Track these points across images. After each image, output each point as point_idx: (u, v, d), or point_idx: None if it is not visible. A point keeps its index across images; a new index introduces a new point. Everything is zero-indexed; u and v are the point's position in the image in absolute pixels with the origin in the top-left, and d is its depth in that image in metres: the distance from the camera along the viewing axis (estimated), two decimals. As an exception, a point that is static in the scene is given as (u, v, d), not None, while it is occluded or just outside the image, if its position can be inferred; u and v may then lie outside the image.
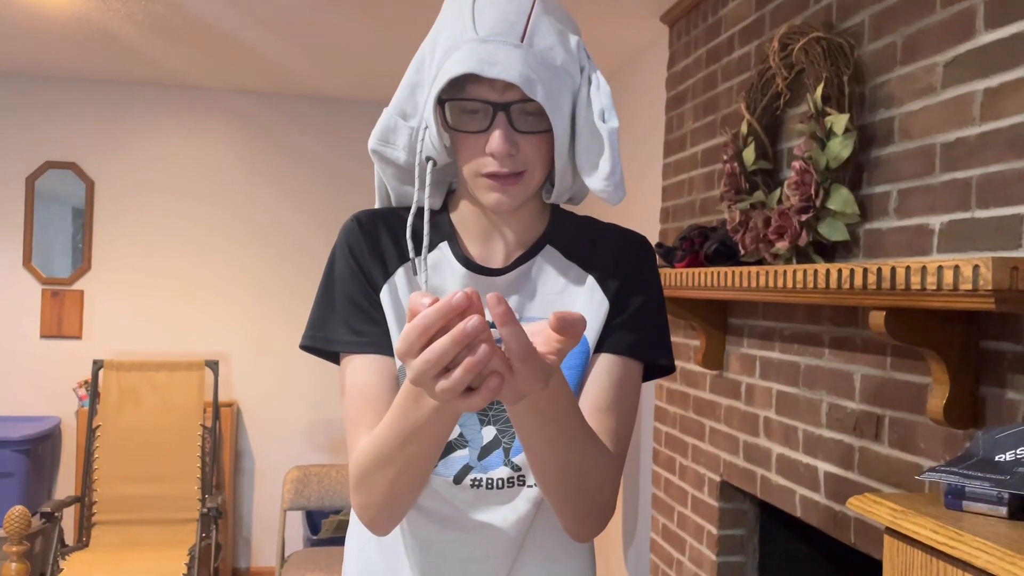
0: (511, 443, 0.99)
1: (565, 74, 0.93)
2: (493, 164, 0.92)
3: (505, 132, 0.90)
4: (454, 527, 1.01)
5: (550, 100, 0.90)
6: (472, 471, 0.99)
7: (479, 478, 0.99)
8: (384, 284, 1.00)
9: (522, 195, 0.95)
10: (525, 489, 1.00)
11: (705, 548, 2.38)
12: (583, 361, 0.99)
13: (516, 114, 0.91)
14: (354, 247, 1.01)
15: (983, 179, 1.39)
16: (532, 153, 0.93)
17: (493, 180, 0.93)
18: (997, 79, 1.37)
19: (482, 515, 1.00)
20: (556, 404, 0.81)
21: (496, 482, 0.99)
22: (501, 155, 0.91)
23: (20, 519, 2.57)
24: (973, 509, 1.07)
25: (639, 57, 3.31)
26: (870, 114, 1.71)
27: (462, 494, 0.99)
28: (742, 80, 2.27)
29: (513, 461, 0.99)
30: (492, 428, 0.99)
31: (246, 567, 4.27)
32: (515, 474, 0.99)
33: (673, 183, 2.74)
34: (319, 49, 3.44)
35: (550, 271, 1.03)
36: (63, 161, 4.11)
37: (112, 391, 3.67)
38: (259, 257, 4.31)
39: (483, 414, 0.99)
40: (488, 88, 0.90)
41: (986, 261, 1.13)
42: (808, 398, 1.89)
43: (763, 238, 1.91)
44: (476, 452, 0.99)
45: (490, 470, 0.99)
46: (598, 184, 0.95)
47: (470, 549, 1.01)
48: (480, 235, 1.02)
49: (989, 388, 1.38)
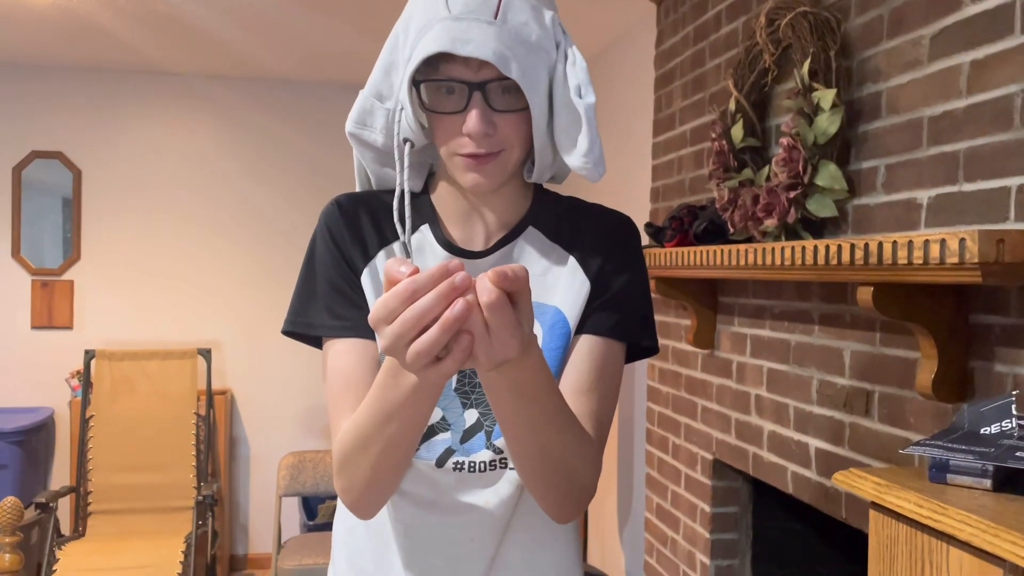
0: (493, 426, 0.98)
1: (540, 50, 0.91)
2: (470, 144, 0.91)
3: (482, 112, 0.89)
4: (437, 510, 1.00)
5: (525, 77, 0.88)
6: (454, 454, 0.98)
7: (461, 461, 0.98)
8: (365, 268, 0.99)
9: (500, 175, 0.94)
10: (508, 472, 0.99)
11: (698, 526, 2.39)
12: (564, 343, 0.98)
13: (492, 93, 0.89)
14: (334, 231, 1.00)
15: (970, 152, 1.39)
16: (510, 132, 0.92)
17: (471, 160, 0.92)
18: (983, 51, 1.36)
19: (465, 498, 0.99)
20: (534, 381, 0.80)
21: (478, 465, 0.98)
22: (478, 135, 0.89)
23: (13, 510, 2.57)
24: (957, 482, 1.07)
25: (627, 36, 3.29)
26: (857, 89, 1.70)
27: (444, 477, 0.99)
28: (730, 57, 2.26)
29: (495, 444, 0.98)
30: (475, 411, 0.98)
31: (243, 554, 4.28)
32: (497, 457, 0.99)
33: (663, 162, 2.73)
34: (293, 37, 3.41)
35: (532, 253, 1.01)
36: (49, 151, 4.08)
37: (105, 381, 3.66)
38: (248, 244, 4.29)
39: (465, 397, 0.98)
40: (463, 67, 0.88)
41: (972, 234, 1.12)
42: (798, 375, 1.89)
43: (752, 216, 1.90)
44: (458, 435, 0.98)
45: (472, 453, 0.98)
46: (577, 161, 0.94)
47: (454, 532, 1.00)
48: (461, 217, 1.01)
49: (978, 362, 1.38)
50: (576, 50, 0.95)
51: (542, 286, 1.00)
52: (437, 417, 0.98)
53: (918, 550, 1.05)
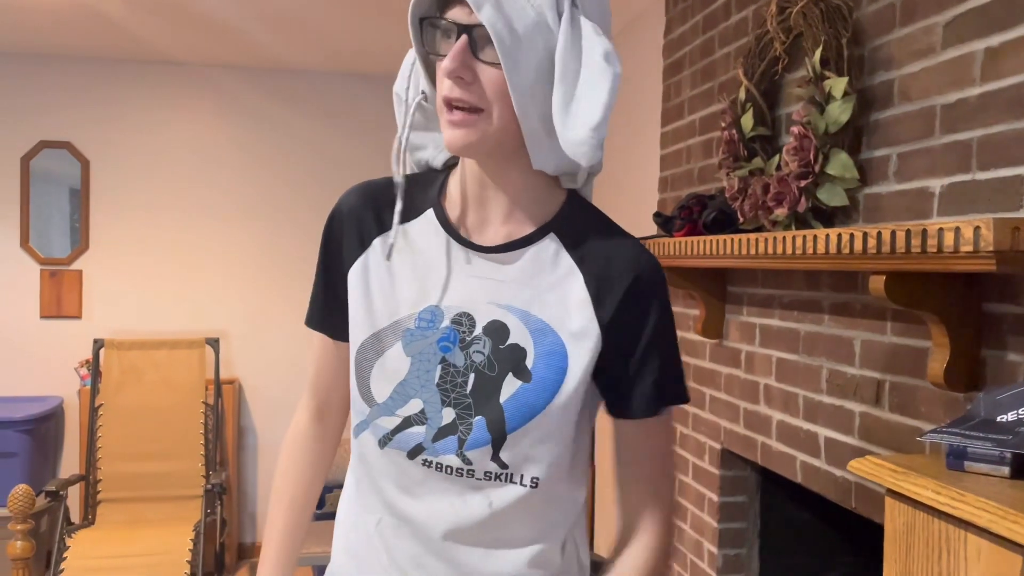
0: (468, 435, 0.94)
1: (533, 9, 0.86)
2: (448, 88, 0.87)
3: (459, 51, 0.85)
4: (410, 497, 0.99)
5: (502, 25, 0.83)
6: (424, 452, 0.96)
7: (429, 460, 0.96)
8: (359, 257, 1.00)
9: (477, 136, 0.88)
10: (474, 481, 0.96)
11: (706, 515, 2.39)
12: (559, 378, 0.93)
13: (480, 39, 0.86)
14: (333, 225, 1.03)
15: (984, 140, 1.38)
16: (492, 89, 0.86)
17: (446, 110, 0.88)
18: (998, 38, 1.36)
19: (432, 494, 0.97)
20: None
21: (445, 468, 0.96)
22: (451, 72, 0.86)
23: (24, 498, 2.58)
24: (975, 469, 1.07)
25: (635, 25, 3.28)
26: (869, 77, 1.69)
27: (413, 470, 0.97)
28: (739, 46, 2.25)
29: (466, 455, 0.95)
30: (452, 410, 0.95)
31: (251, 542, 4.30)
32: (465, 467, 0.95)
33: (671, 152, 2.72)
34: (304, 26, 3.41)
35: (545, 263, 0.95)
36: (58, 140, 4.08)
37: (113, 370, 3.68)
38: (256, 233, 4.29)
39: (445, 395, 0.95)
40: (459, 9, 0.87)
41: (987, 222, 1.12)
42: (808, 364, 1.89)
43: (762, 205, 1.89)
44: (432, 432, 0.96)
45: (441, 454, 0.95)
46: (581, 133, 0.85)
47: (423, 521, 0.98)
48: (475, 201, 0.97)
49: (990, 351, 1.38)
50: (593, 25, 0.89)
51: (544, 302, 0.94)
52: (416, 409, 0.96)
53: (935, 537, 1.05)
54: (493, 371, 0.94)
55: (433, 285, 0.97)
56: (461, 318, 0.95)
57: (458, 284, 0.96)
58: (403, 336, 0.97)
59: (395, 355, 0.97)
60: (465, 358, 0.95)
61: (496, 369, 0.94)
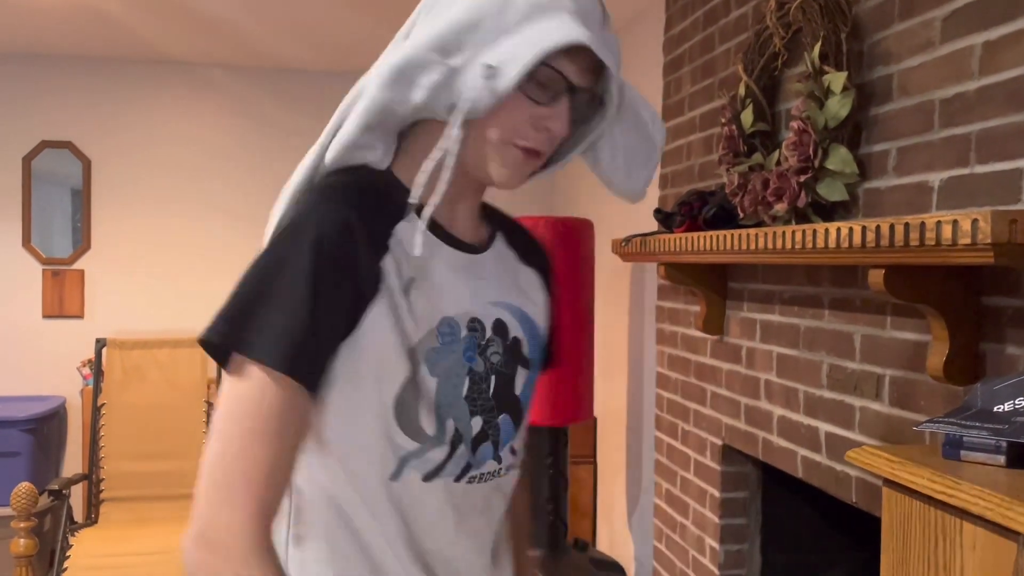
0: (497, 435, 0.95)
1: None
2: (534, 139, 0.89)
3: (569, 115, 0.89)
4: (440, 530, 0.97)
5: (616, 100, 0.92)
6: (471, 469, 0.94)
7: (475, 474, 0.94)
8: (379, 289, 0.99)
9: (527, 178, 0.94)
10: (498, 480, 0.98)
11: (708, 511, 2.39)
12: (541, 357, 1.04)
13: (580, 102, 0.90)
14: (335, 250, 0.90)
15: (982, 134, 1.38)
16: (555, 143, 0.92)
17: (521, 154, 0.89)
18: (996, 32, 1.36)
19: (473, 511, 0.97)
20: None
21: (484, 476, 0.95)
22: (555, 137, 0.89)
23: (27, 496, 2.59)
24: (971, 459, 1.07)
25: (636, 21, 3.28)
26: (868, 71, 1.69)
27: (457, 492, 0.94)
28: (740, 42, 2.25)
29: (500, 455, 0.96)
30: (479, 418, 0.93)
31: (254, 541, 4.31)
32: (498, 467, 0.97)
33: (672, 148, 2.72)
34: (305, 26, 3.41)
35: (508, 254, 1.03)
36: (59, 140, 4.09)
37: (116, 369, 3.68)
38: (258, 232, 4.26)
39: (473, 404, 0.93)
40: (569, 63, 0.87)
41: (985, 215, 1.12)
42: (808, 359, 1.89)
43: (762, 200, 1.90)
44: (470, 445, 0.93)
45: (482, 464, 0.95)
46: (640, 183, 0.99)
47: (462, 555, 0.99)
48: (447, 204, 0.93)
49: (989, 344, 1.38)
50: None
51: (519, 292, 1.01)
52: (452, 429, 0.91)
53: (932, 526, 1.05)
54: (507, 368, 0.97)
55: (438, 295, 0.91)
56: (475, 324, 0.93)
57: (458, 289, 0.93)
58: (427, 356, 0.89)
59: (425, 378, 0.89)
60: (484, 363, 0.94)
61: (508, 366, 0.97)
